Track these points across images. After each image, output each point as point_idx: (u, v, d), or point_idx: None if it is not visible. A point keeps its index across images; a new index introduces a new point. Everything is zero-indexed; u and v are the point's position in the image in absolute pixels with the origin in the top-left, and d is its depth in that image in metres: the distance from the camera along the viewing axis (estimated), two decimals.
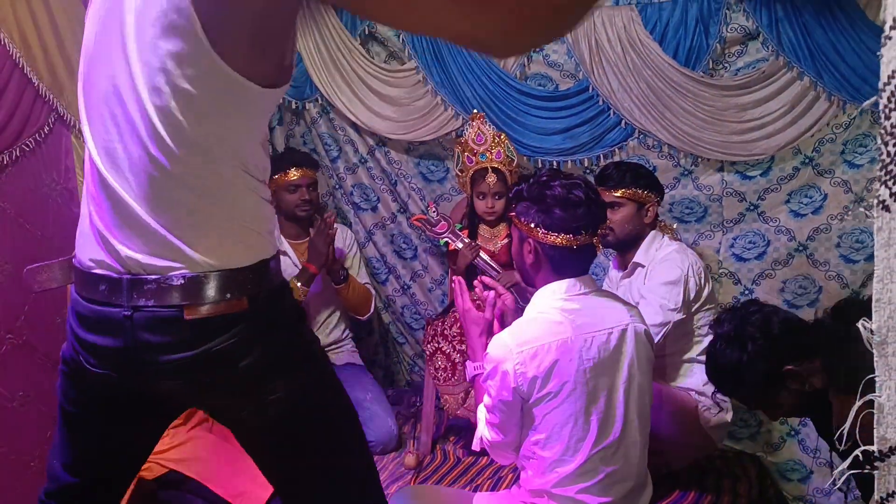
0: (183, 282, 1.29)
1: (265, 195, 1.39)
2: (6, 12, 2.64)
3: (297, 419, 1.43)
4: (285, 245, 3.37)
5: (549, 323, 1.88)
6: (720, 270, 3.21)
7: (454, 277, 2.37)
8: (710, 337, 2.69)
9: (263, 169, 1.39)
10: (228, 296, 1.31)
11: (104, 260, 1.33)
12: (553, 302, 1.93)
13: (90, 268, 1.36)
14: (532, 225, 1.93)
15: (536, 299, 1.98)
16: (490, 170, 3.06)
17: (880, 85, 0.88)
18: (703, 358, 2.70)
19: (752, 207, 3.14)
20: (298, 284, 3.09)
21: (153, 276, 1.29)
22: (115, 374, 1.36)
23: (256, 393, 1.39)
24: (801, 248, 3.08)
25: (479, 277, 2.29)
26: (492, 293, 2.17)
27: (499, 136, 3.08)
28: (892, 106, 0.88)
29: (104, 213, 1.33)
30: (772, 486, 3.08)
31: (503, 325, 2.08)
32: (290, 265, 3.31)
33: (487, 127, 3.09)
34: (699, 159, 3.17)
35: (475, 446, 2.10)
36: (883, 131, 0.89)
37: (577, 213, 1.90)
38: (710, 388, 2.71)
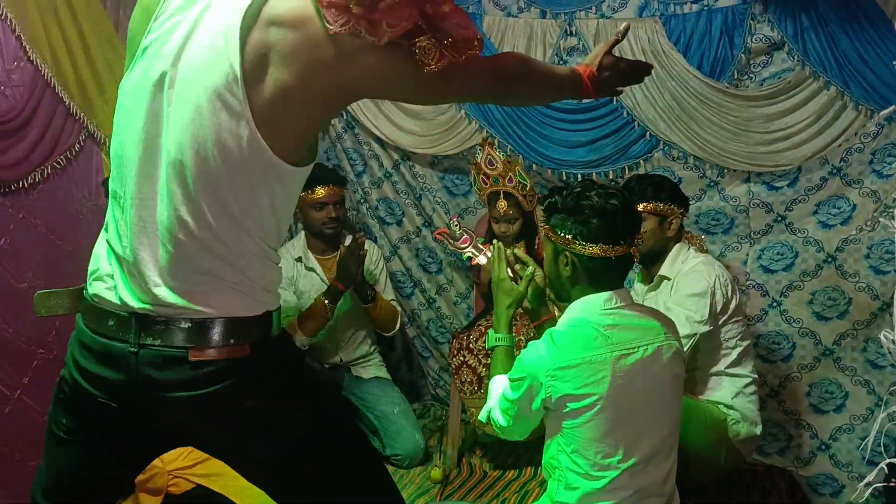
0: (189, 325, 1.35)
1: (276, 260, 1.46)
2: (38, 31, 2.70)
3: (300, 457, 1.46)
4: (312, 261, 3.39)
5: (584, 338, 1.85)
6: (748, 282, 3.19)
7: (495, 244, 2.39)
8: (739, 350, 2.68)
9: (280, 240, 1.48)
10: (232, 342, 1.37)
11: (113, 301, 1.38)
12: (589, 316, 1.90)
13: (100, 302, 1.41)
14: (569, 237, 1.90)
15: (572, 312, 1.95)
16: (502, 195, 3.06)
17: None
18: (731, 371, 2.69)
19: (779, 218, 3.11)
20: (325, 301, 3.09)
21: (161, 318, 1.35)
22: (117, 405, 1.40)
23: (257, 434, 1.43)
24: (829, 259, 3.04)
25: (513, 249, 2.31)
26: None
27: (510, 163, 3.08)
28: None
29: (121, 260, 1.39)
30: (802, 500, 3.04)
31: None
32: (317, 281, 3.33)
33: (498, 153, 3.10)
34: (725, 170, 3.15)
35: (482, 417, 2.10)
36: None
37: (616, 222, 1.87)
38: (739, 402, 2.68)
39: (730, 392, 2.69)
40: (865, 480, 0.94)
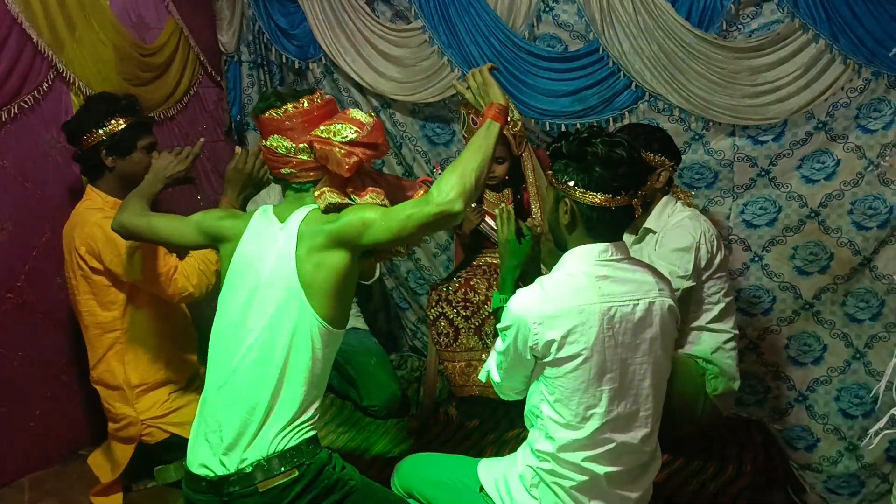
0: (252, 469, 1.87)
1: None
2: None
3: None
4: None
5: (574, 286, 1.84)
6: (730, 237, 3.17)
7: (502, 204, 2.37)
8: (721, 305, 2.68)
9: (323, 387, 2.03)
10: (283, 469, 1.87)
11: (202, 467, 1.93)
12: (582, 266, 1.88)
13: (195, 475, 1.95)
14: (571, 183, 1.86)
15: (566, 260, 1.93)
16: None
17: None
18: (712, 326, 2.69)
19: (763, 173, 3.09)
20: None
21: (234, 475, 1.88)
22: None
23: None
24: (812, 214, 3.03)
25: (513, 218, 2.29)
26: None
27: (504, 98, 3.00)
28: None
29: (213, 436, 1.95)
30: (778, 454, 3.06)
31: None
32: None
33: None
34: (710, 123, 3.11)
35: (482, 377, 2.10)
36: None
37: (619, 172, 1.83)
38: (718, 356, 2.68)
39: (710, 347, 2.70)
40: (876, 427, 0.92)
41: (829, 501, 3.07)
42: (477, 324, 2.97)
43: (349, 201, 1.96)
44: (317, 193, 1.96)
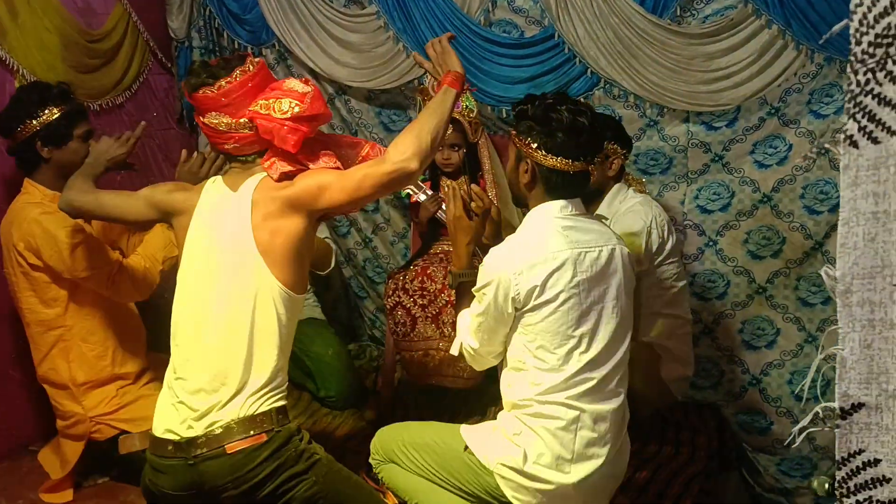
0: (220, 431, 1.85)
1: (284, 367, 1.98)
2: None
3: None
4: None
5: (544, 236, 1.92)
6: (684, 222, 3.19)
7: (447, 183, 2.35)
8: (674, 290, 2.69)
9: (289, 352, 2.00)
10: (252, 433, 1.86)
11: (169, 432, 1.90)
12: (547, 220, 1.96)
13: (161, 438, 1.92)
14: (534, 146, 1.94)
15: (530, 218, 2.02)
16: None
17: (851, 6, 0.82)
18: (666, 311, 2.70)
19: (717, 158, 3.10)
20: None
21: (202, 436, 1.86)
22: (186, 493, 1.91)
23: (280, 493, 1.89)
24: (765, 199, 3.05)
25: (470, 186, 2.27)
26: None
27: None
28: (864, 30, 0.82)
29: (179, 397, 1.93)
30: (731, 438, 3.10)
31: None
32: None
33: None
34: (665, 110, 3.11)
35: (454, 351, 2.13)
36: (853, 58, 0.82)
37: (580, 139, 1.93)
38: (673, 342, 2.70)
39: (664, 332, 2.71)
40: (800, 425, 0.91)
41: (782, 483, 3.10)
42: (434, 312, 2.95)
43: (301, 167, 1.96)
44: (266, 164, 1.95)
